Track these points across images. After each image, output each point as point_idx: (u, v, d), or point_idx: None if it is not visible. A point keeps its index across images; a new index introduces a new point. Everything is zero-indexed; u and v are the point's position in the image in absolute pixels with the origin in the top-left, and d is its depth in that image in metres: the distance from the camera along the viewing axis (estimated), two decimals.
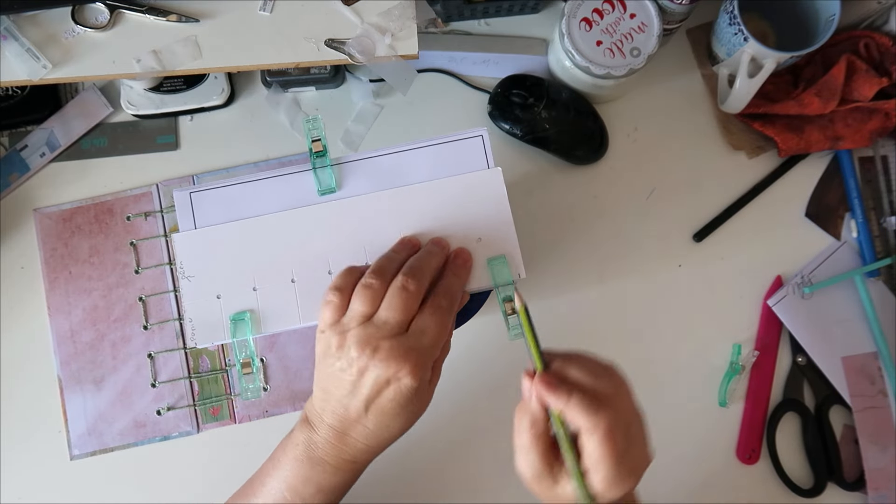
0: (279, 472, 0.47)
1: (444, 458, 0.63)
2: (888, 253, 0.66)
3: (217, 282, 0.48)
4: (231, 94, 0.67)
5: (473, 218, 0.49)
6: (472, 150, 0.50)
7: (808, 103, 0.63)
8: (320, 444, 0.45)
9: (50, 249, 0.65)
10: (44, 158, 0.66)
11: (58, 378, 0.63)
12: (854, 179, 0.67)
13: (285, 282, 0.48)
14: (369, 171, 0.50)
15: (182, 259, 0.48)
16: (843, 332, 0.65)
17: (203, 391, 0.64)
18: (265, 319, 0.48)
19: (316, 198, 0.49)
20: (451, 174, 0.49)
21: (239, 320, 0.47)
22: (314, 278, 0.48)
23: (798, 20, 0.64)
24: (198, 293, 0.48)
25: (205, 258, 0.48)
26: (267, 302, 0.48)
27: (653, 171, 0.68)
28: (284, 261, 0.48)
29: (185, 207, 0.49)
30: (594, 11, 0.61)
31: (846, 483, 0.63)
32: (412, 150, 0.50)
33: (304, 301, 0.48)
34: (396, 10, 0.57)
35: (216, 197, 0.49)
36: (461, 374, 0.64)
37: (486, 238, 0.48)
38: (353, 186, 0.50)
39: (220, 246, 0.49)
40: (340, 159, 0.50)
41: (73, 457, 0.62)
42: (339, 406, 0.44)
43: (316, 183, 0.49)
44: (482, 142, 0.50)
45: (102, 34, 0.56)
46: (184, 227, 0.49)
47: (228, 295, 0.48)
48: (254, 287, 0.48)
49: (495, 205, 0.49)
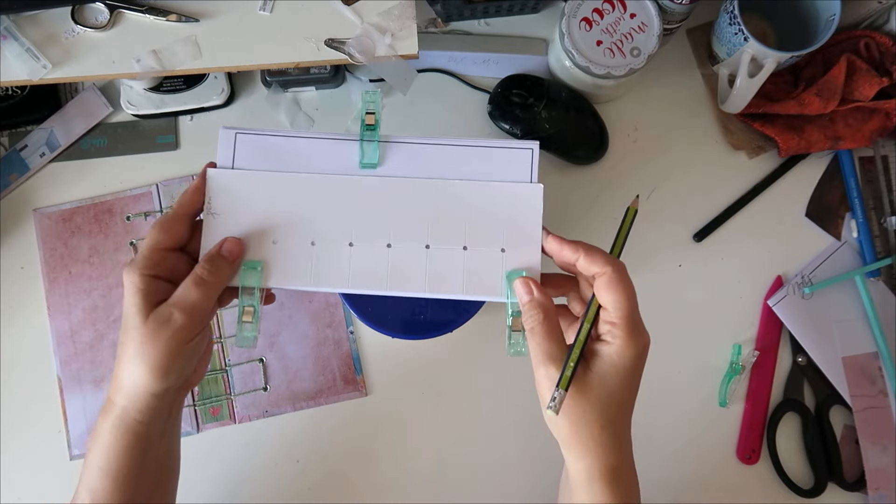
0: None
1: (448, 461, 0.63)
2: (888, 253, 0.66)
3: (239, 226, 0.48)
4: (231, 94, 0.66)
5: (503, 227, 0.48)
6: (518, 161, 0.50)
7: (808, 103, 0.63)
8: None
9: (50, 249, 0.65)
10: (44, 158, 0.66)
11: (58, 378, 0.63)
12: (854, 179, 0.67)
13: (305, 243, 0.48)
14: (413, 156, 0.50)
15: (212, 194, 0.48)
16: (844, 332, 0.65)
17: (203, 391, 0.64)
18: (276, 274, 0.48)
19: (356, 169, 0.49)
20: (492, 179, 0.49)
21: (251, 269, 0.47)
22: (334, 246, 0.48)
23: (798, 20, 0.64)
24: (218, 232, 0.48)
25: (233, 200, 0.48)
26: (283, 258, 0.48)
27: (653, 171, 0.68)
28: (310, 222, 0.48)
29: (227, 145, 0.49)
30: (594, 11, 0.61)
31: (846, 483, 0.63)
32: (461, 146, 0.50)
33: (318, 266, 0.48)
34: (396, 10, 0.57)
35: (260, 143, 0.49)
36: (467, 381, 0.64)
37: (511, 250, 0.48)
38: (393, 167, 0.50)
39: (252, 192, 0.49)
40: (388, 137, 0.50)
41: (73, 457, 0.62)
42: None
43: (360, 154, 0.49)
44: (531, 155, 0.50)
45: (102, 34, 0.56)
46: (221, 164, 0.49)
47: (247, 241, 0.48)
48: (274, 241, 0.48)
49: (528, 220, 0.49)
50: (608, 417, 0.42)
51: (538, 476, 0.62)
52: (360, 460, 0.63)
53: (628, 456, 0.44)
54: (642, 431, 0.63)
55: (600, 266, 0.43)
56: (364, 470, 0.63)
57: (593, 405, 0.42)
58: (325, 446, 0.63)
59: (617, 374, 0.42)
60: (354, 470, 0.63)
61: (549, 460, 0.63)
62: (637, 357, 0.43)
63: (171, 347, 0.42)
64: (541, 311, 0.44)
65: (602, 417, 0.42)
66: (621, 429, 0.44)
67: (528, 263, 0.48)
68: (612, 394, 0.42)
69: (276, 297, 0.53)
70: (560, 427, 0.43)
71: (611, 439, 0.43)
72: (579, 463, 0.43)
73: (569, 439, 0.43)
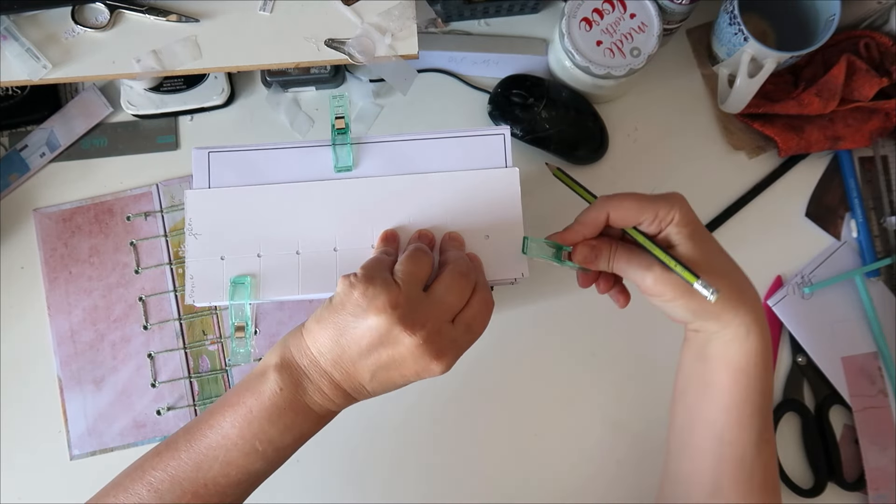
0: (246, 422, 0.42)
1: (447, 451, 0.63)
2: (888, 253, 0.66)
3: (223, 243, 0.48)
4: (231, 94, 0.66)
5: (484, 214, 0.49)
6: (492, 148, 0.50)
7: (808, 103, 0.63)
8: (311, 391, 0.42)
9: (50, 249, 0.65)
10: (44, 158, 0.66)
11: (58, 378, 0.63)
12: (854, 179, 0.67)
13: (290, 252, 0.48)
14: (387, 155, 0.50)
15: (191, 216, 0.49)
16: (843, 332, 0.65)
17: (203, 391, 0.64)
18: (265, 286, 0.48)
19: (331, 174, 0.50)
20: (469, 168, 0.50)
21: (239, 284, 0.47)
22: (319, 253, 0.48)
23: (798, 20, 0.64)
24: (202, 252, 0.48)
25: (214, 218, 0.49)
26: (269, 269, 0.48)
27: (653, 171, 0.68)
28: (292, 232, 0.49)
29: (201, 165, 0.50)
30: (594, 11, 0.61)
31: (846, 483, 0.63)
32: (433, 139, 0.50)
33: (305, 274, 0.48)
34: (396, 10, 0.57)
35: (234, 159, 0.50)
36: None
37: (495, 236, 0.48)
38: (369, 167, 0.50)
39: (231, 208, 0.49)
40: (360, 139, 0.50)
41: (73, 457, 0.62)
42: (347, 362, 0.42)
43: (333, 159, 0.49)
44: (503, 140, 0.50)
45: (102, 34, 0.56)
46: (197, 185, 0.49)
47: (232, 257, 0.48)
48: (258, 253, 0.48)
49: (508, 204, 0.49)
50: (724, 267, 0.46)
51: (537, 477, 0.63)
52: (360, 460, 0.63)
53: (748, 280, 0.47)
54: (643, 431, 0.64)
55: (599, 213, 0.46)
56: (364, 470, 0.63)
57: (710, 268, 0.44)
58: (325, 446, 0.63)
59: (695, 231, 0.45)
60: (354, 470, 0.63)
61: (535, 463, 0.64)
62: (688, 209, 0.45)
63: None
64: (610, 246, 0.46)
65: (721, 268, 0.46)
66: (733, 265, 0.47)
67: (513, 247, 0.48)
68: (708, 247, 0.46)
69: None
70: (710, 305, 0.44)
71: (740, 278, 0.46)
72: (735, 321, 0.45)
73: (720, 309, 0.45)
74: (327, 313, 0.42)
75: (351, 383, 0.42)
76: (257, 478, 0.43)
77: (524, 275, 0.49)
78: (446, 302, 0.42)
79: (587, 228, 0.46)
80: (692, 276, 0.42)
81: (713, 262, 0.45)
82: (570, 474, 0.63)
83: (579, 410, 0.64)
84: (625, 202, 0.45)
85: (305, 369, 0.42)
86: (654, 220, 0.45)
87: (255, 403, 0.42)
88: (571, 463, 0.63)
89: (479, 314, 0.43)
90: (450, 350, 0.41)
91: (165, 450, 0.43)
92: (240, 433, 0.42)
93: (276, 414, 0.42)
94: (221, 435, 0.42)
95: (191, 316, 0.64)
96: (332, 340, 0.42)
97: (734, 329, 0.45)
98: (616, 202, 0.45)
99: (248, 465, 0.42)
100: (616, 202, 0.45)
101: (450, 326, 0.42)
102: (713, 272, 0.44)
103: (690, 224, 0.45)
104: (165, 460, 0.42)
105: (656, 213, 0.45)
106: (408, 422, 0.63)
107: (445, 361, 0.41)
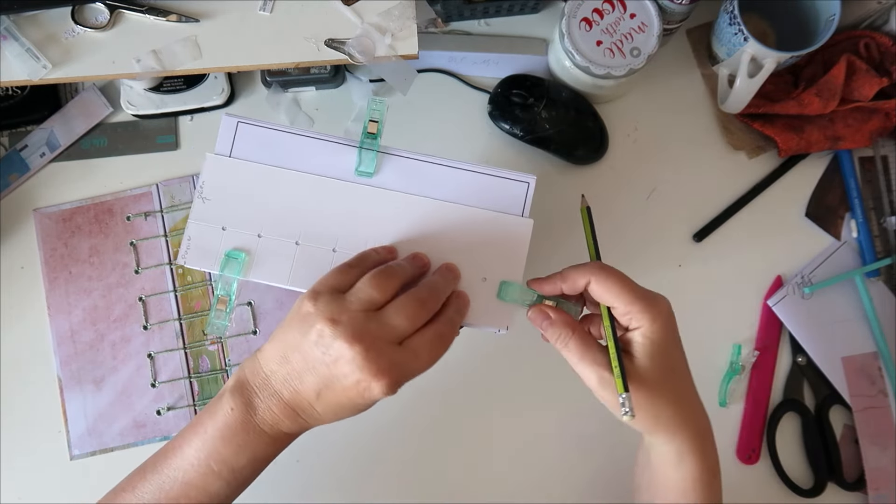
0: (202, 442, 0.43)
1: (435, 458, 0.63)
2: (888, 253, 0.66)
3: (228, 213, 0.48)
4: (231, 94, 0.66)
5: (487, 256, 0.48)
6: (513, 193, 0.50)
7: (808, 103, 0.63)
8: (262, 411, 0.43)
9: (50, 249, 0.65)
10: (44, 158, 0.66)
11: (58, 378, 0.63)
12: (854, 179, 0.67)
13: (290, 241, 0.48)
14: (408, 171, 0.50)
15: (205, 179, 0.49)
16: (843, 332, 0.65)
17: (203, 391, 0.64)
18: (257, 267, 0.48)
19: (350, 176, 0.49)
20: (485, 207, 0.49)
21: (233, 258, 0.47)
22: (317, 250, 0.48)
23: (798, 20, 0.64)
24: (206, 217, 0.48)
25: (226, 187, 0.49)
26: (265, 252, 0.48)
27: (653, 171, 0.68)
28: (297, 222, 0.49)
29: (227, 133, 0.49)
30: (594, 11, 0.61)
31: (846, 483, 0.63)
32: (458, 168, 0.50)
33: (299, 266, 0.48)
34: (396, 10, 0.57)
35: (260, 135, 0.50)
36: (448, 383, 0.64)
37: (491, 280, 0.48)
38: (387, 178, 0.50)
39: (245, 182, 0.49)
40: (388, 149, 0.50)
41: (73, 457, 0.62)
42: (295, 379, 0.42)
43: (357, 161, 0.49)
44: (527, 189, 0.50)
45: (102, 34, 0.56)
46: (219, 151, 0.49)
47: (233, 230, 0.48)
48: (259, 233, 0.48)
49: (514, 253, 0.49)
50: (675, 391, 0.44)
51: (538, 477, 0.63)
52: (359, 460, 0.63)
53: (701, 409, 0.47)
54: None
55: (582, 278, 0.44)
56: (364, 470, 0.63)
57: (658, 388, 0.43)
58: (325, 446, 0.63)
59: (658, 348, 0.44)
60: (354, 470, 0.63)
61: (537, 463, 0.64)
62: (665, 322, 0.44)
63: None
64: (566, 329, 0.45)
65: (670, 393, 0.44)
66: (688, 391, 0.46)
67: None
68: (665, 367, 0.44)
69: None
70: (640, 422, 0.44)
71: (687, 407, 0.45)
72: (668, 445, 0.45)
73: (653, 428, 0.44)
74: (279, 331, 0.43)
75: (299, 402, 0.43)
76: (218, 500, 0.44)
77: (507, 328, 0.48)
78: (392, 323, 0.41)
79: (565, 283, 0.45)
80: (622, 388, 0.42)
81: (663, 383, 0.44)
82: (570, 474, 0.63)
83: (580, 410, 0.64)
84: (610, 280, 0.44)
85: (257, 388, 0.43)
86: (626, 314, 0.44)
87: (210, 424, 0.43)
88: (572, 463, 0.63)
89: (428, 344, 0.42)
90: (391, 370, 0.40)
91: (137, 472, 0.45)
92: (196, 453, 0.43)
93: (228, 434, 0.43)
94: (181, 456, 0.44)
95: (191, 316, 0.64)
96: (281, 357, 0.43)
97: (667, 451, 0.45)
98: (603, 276, 0.44)
99: (207, 486, 0.43)
100: (603, 276, 0.44)
101: (394, 347, 0.41)
102: (658, 393, 0.43)
103: (657, 340, 0.43)
104: (134, 482, 0.45)
105: (630, 309, 0.43)
106: (408, 422, 0.63)
107: (386, 381, 0.40)
